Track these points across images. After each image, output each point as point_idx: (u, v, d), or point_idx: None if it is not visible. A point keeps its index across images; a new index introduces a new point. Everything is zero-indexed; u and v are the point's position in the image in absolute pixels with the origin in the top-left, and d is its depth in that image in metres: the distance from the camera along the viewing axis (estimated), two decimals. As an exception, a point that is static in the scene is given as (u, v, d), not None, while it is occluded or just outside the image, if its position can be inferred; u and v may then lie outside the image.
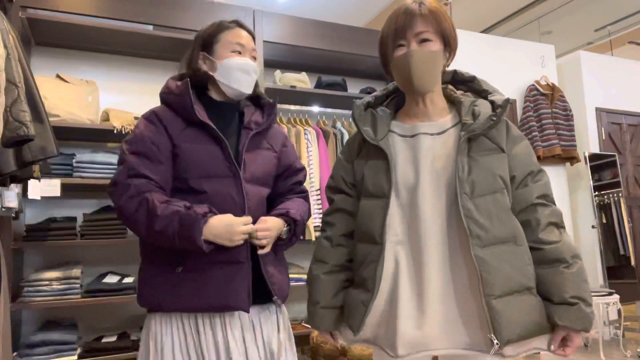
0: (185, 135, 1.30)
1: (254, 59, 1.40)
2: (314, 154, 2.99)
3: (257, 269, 1.31)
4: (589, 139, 4.41)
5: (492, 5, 5.43)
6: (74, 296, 2.33)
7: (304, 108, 3.24)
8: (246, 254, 1.28)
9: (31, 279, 2.29)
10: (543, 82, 4.27)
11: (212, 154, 1.30)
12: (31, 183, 2.17)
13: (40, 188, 2.26)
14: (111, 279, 2.47)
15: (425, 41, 1.15)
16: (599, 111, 4.51)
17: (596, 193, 4.22)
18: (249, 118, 1.42)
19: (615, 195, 4.29)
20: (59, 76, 2.57)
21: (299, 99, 3.17)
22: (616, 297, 3.64)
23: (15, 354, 2.23)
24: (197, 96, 1.37)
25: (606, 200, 4.27)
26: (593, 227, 4.15)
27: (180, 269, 1.26)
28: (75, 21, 2.51)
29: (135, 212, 1.20)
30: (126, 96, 2.89)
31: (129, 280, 2.47)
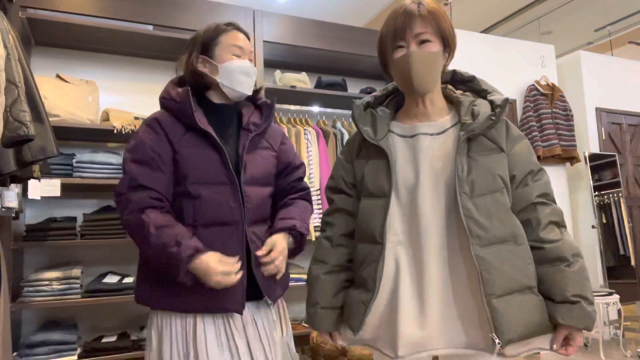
0: (185, 140, 1.32)
1: (251, 60, 1.42)
2: (314, 153, 2.99)
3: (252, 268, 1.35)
4: (589, 139, 4.41)
5: (492, 5, 5.43)
6: (74, 296, 2.33)
7: (304, 108, 3.24)
8: (242, 257, 1.29)
9: (31, 279, 2.29)
10: (543, 82, 4.26)
11: (210, 160, 1.32)
12: (31, 183, 2.17)
13: (40, 188, 2.26)
14: (111, 279, 2.47)
15: (425, 42, 1.15)
16: (599, 111, 4.51)
17: (596, 193, 4.22)
18: (248, 119, 1.43)
19: (615, 195, 4.28)
20: (59, 76, 2.57)
21: (299, 99, 3.17)
22: (616, 297, 3.64)
23: (15, 354, 2.23)
24: (197, 101, 1.39)
25: (606, 200, 4.27)
26: (593, 227, 4.15)
27: None
28: (75, 21, 2.51)
29: (135, 230, 1.26)
30: (126, 96, 2.89)
31: (129, 280, 2.47)
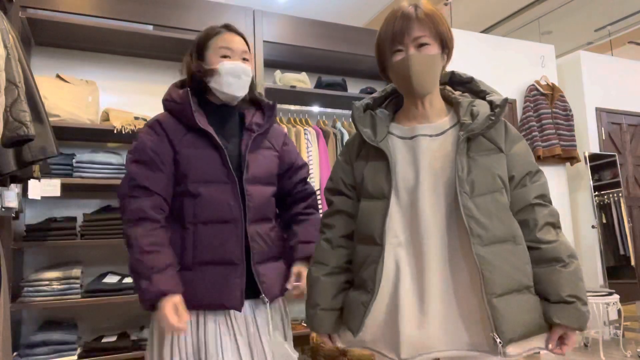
0: (186, 141, 1.35)
1: (245, 60, 1.42)
2: (314, 154, 2.99)
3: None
4: (589, 139, 4.41)
5: (492, 5, 5.43)
6: (74, 296, 2.33)
7: (304, 108, 3.24)
8: (241, 255, 1.32)
9: (31, 279, 2.29)
10: (543, 82, 4.26)
11: (211, 160, 1.35)
12: (31, 183, 2.17)
13: (40, 188, 2.26)
14: (111, 279, 2.47)
15: (423, 45, 1.16)
16: (599, 111, 4.51)
17: (596, 193, 4.21)
18: (250, 120, 1.46)
19: (615, 195, 4.28)
20: (59, 76, 2.57)
21: (299, 99, 3.17)
22: (616, 297, 3.64)
23: (15, 354, 2.23)
24: (199, 102, 1.42)
25: (606, 200, 4.27)
26: (593, 227, 4.15)
27: (178, 267, 1.31)
28: (75, 21, 2.51)
29: (125, 239, 1.29)
30: (126, 96, 2.89)
31: (129, 280, 2.47)
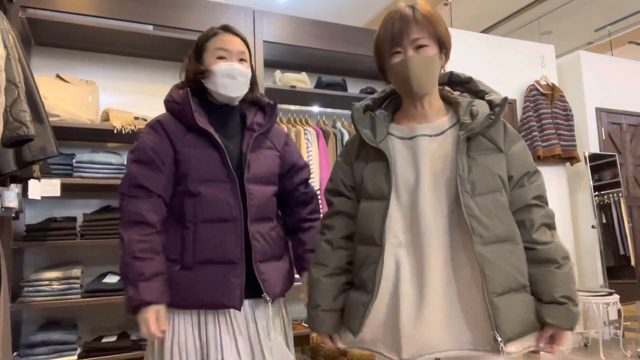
0: (186, 140, 1.36)
1: (243, 61, 1.43)
2: (314, 154, 2.99)
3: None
4: (589, 139, 4.41)
5: (492, 5, 5.43)
6: (74, 296, 2.33)
7: (304, 108, 3.24)
8: (240, 254, 1.33)
9: (31, 279, 2.29)
10: (543, 82, 4.26)
11: (210, 159, 1.35)
12: (31, 183, 2.17)
13: (40, 188, 2.26)
14: (111, 279, 2.47)
15: (422, 47, 1.17)
16: (599, 111, 4.51)
17: (596, 193, 4.21)
18: (252, 119, 1.47)
19: (615, 195, 4.28)
20: (59, 76, 2.57)
21: (299, 99, 3.17)
22: (616, 297, 3.64)
23: (15, 354, 2.23)
24: (200, 102, 1.43)
25: (606, 200, 4.26)
26: (593, 227, 4.14)
27: (179, 267, 1.32)
28: (75, 21, 2.51)
29: (121, 241, 1.30)
30: (126, 96, 2.89)
31: (129, 280, 2.46)
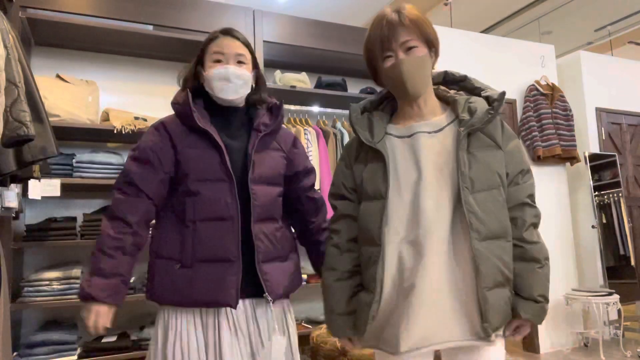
0: (188, 141, 1.38)
1: (241, 63, 1.43)
2: (314, 154, 2.99)
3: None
4: (589, 139, 4.41)
5: (492, 5, 5.43)
6: (74, 296, 2.33)
7: (304, 108, 3.24)
8: (237, 252, 1.33)
9: (31, 279, 2.29)
10: (543, 82, 4.26)
11: (210, 159, 1.36)
12: (31, 183, 2.17)
13: (40, 188, 2.26)
14: (111, 279, 2.46)
15: (411, 48, 1.19)
16: (599, 111, 4.51)
17: (596, 193, 4.21)
18: (259, 120, 1.47)
19: (615, 195, 4.28)
20: (59, 76, 2.57)
21: (299, 99, 3.17)
22: (616, 297, 3.64)
23: (15, 354, 2.23)
24: (206, 103, 1.45)
25: (606, 200, 4.26)
26: (593, 227, 4.14)
27: (178, 265, 1.33)
28: (75, 21, 2.51)
29: (101, 230, 1.34)
30: (126, 96, 2.89)
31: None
